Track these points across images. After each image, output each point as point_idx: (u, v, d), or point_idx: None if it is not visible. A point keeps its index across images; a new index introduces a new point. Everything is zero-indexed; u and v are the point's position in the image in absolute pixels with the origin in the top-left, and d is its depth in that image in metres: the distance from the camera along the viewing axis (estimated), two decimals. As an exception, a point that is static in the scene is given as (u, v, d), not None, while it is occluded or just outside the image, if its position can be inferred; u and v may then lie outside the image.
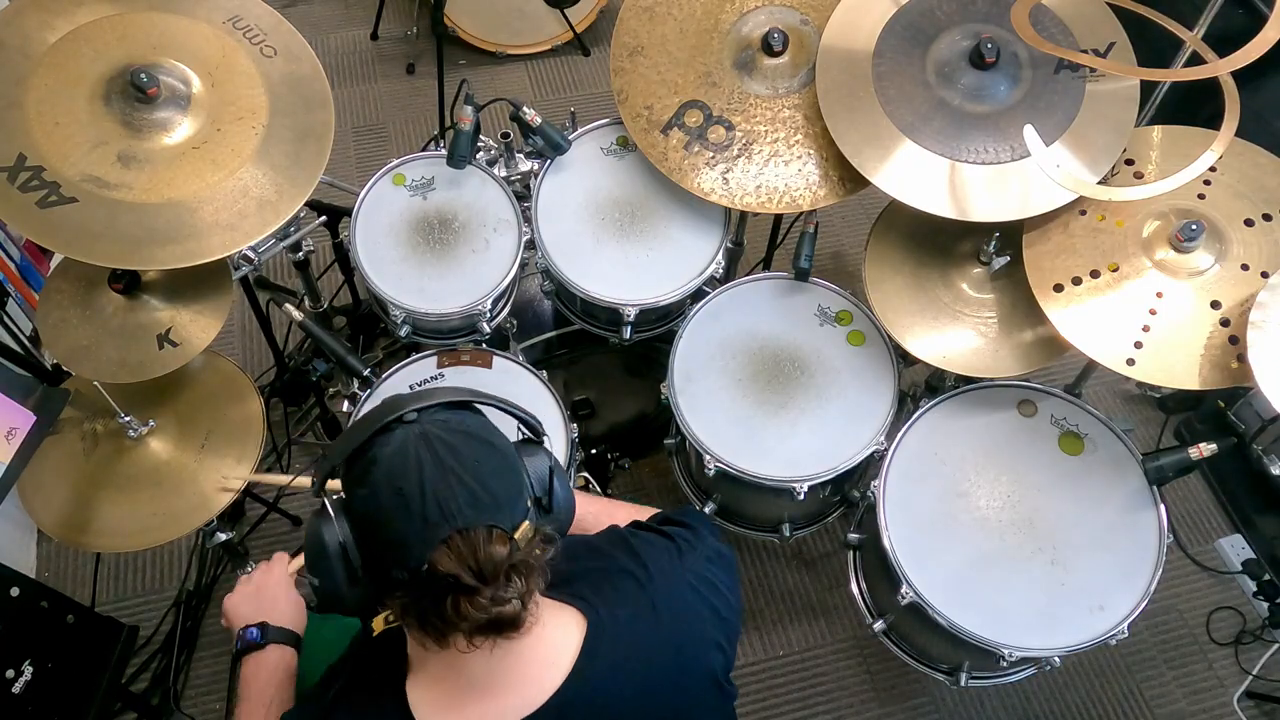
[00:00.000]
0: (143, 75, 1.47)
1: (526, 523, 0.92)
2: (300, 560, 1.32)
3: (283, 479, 1.58)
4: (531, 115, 1.87)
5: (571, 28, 3.29)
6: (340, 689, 1.04)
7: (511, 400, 1.03)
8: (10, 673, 1.47)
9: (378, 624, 1.11)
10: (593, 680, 0.98)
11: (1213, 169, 1.55)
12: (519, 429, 1.05)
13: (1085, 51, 1.61)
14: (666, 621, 1.04)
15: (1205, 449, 1.59)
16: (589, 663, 0.98)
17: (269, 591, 1.28)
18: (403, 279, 1.82)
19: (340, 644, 1.16)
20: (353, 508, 0.93)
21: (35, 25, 1.50)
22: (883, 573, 1.72)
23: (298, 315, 1.80)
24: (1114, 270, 1.55)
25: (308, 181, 1.59)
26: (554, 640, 0.99)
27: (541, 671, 0.98)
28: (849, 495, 1.97)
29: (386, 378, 1.83)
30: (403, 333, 1.84)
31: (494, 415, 1.01)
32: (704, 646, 1.07)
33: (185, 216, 1.49)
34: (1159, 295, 1.52)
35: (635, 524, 1.19)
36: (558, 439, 1.77)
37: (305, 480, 1.48)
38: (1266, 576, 2.35)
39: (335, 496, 0.95)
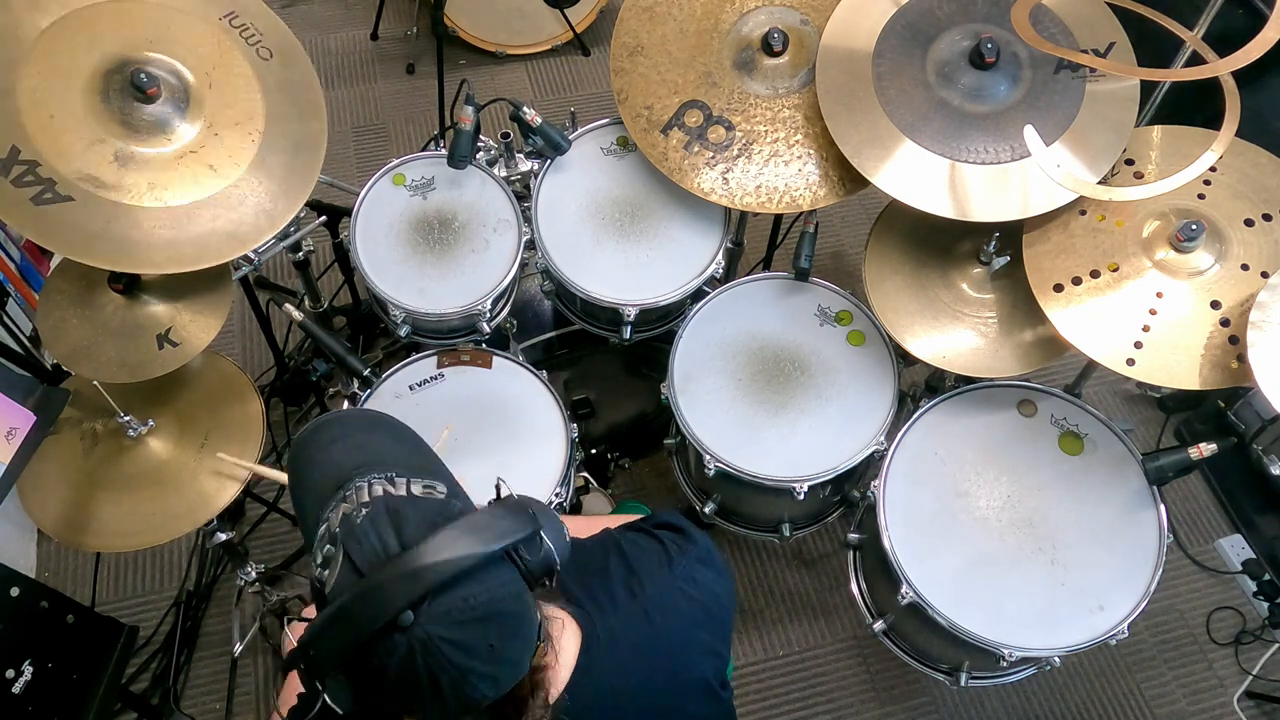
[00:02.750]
0: (143, 75, 1.47)
1: (540, 643, 0.88)
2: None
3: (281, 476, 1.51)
4: (531, 115, 1.87)
5: (571, 28, 3.28)
6: None
7: (503, 514, 0.85)
8: (10, 673, 1.47)
9: None
10: (589, 691, 0.97)
11: (1213, 169, 1.55)
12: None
13: (1085, 51, 1.61)
14: (660, 630, 1.03)
15: (1205, 449, 1.58)
16: (585, 674, 0.97)
17: None
18: (403, 279, 1.82)
19: None
20: (354, 688, 0.81)
21: (24, 6, 1.45)
22: (883, 573, 1.72)
23: (298, 315, 1.80)
24: (1114, 270, 1.55)
25: (302, 189, 1.59)
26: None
27: None
28: (849, 495, 1.97)
29: (386, 378, 1.83)
30: (403, 333, 1.84)
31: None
32: (698, 653, 1.07)
33: (182, 222, 1.48)
34: (1159, 295, 1.52)
35: (626, 526, 1.18)
36: (558, 439, 1.78)
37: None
38: (1266, 576, 2.35)
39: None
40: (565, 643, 0.99)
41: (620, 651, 1.01)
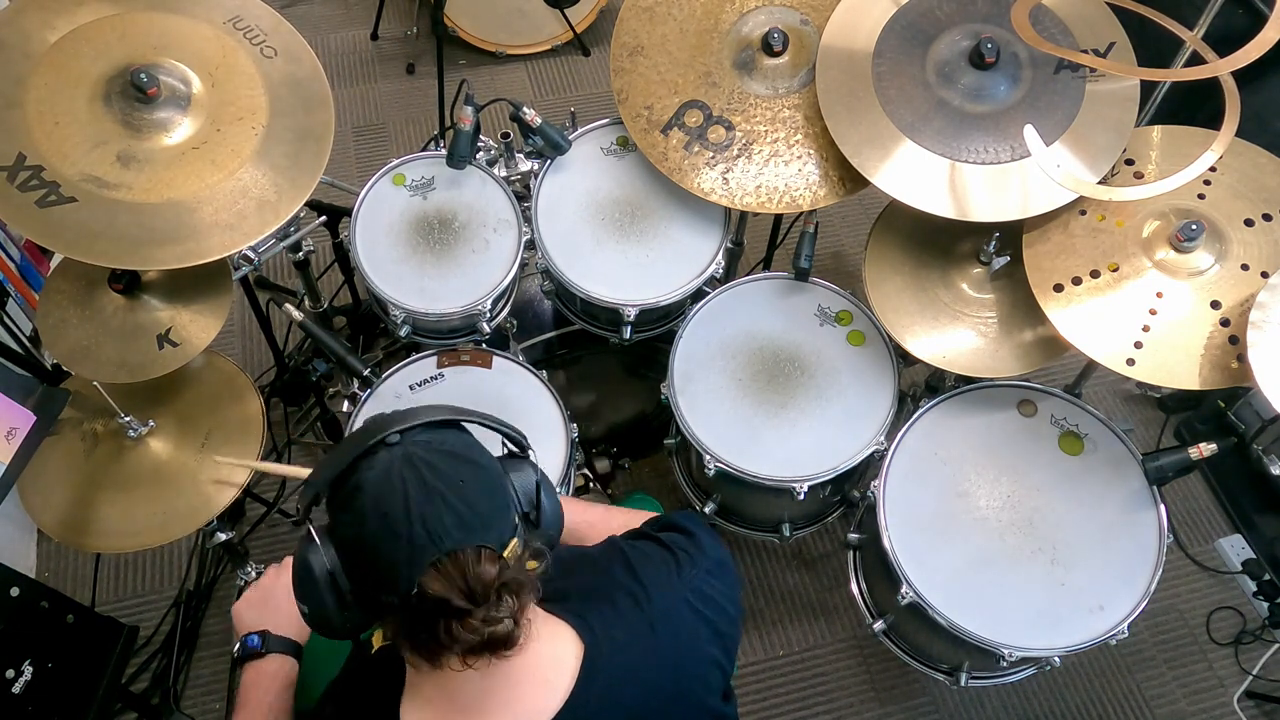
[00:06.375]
0: (143, 75, 1.47)
1: (515, 540, 0.91)
2: None
3: (285, 469, 1.55)
4: (531, 115, 1.87)
5: (571, 28, 3.29)
6: (334, 709, 1.03)
7: (495, 416, 1.02)
8: (10, 673, 1.46)
9: (376, 639, 1.10)
10: (590, 705, 0.96)
11: (1213, 169, 1.55)
12: (503, 444, 1.04)
13: (1085, 51, 1.61)
14: (665, 643, 1.02)
15: (1205, 449, 1.59)
16: (586, 687, 0.97)
17: (274, 599, 1.25)
18: (403, 279, 1.82)
19: (339, 653, 1.15)
20: (339, 534, 0.92)
21: (36, 25, 1.50)
22: (883, 573, 1.72)
23: (298, 315, 1.80)
24: (1114, 270, 1.55)
25: (307, 182, 1.59)
26: (549, 659, 0.97)
27: (537, 693, 0.96)
28: (849, 495, 1.97)
29: (386, 378, 1.83)
30: (403, 333, 1.84)
31: (481, 432, 1.00)
32: (702, 667, 1.05)
33: (184, 217, 1.49)
34: (1159, 295, 1.52)
35: (632, 533, 1.17)
36: (558, 439, 1.78)
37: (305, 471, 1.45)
38: (1266, 576, 2.35)
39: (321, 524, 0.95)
40: (564, 650, 0.98)
41: (623, 664, 0.99)
